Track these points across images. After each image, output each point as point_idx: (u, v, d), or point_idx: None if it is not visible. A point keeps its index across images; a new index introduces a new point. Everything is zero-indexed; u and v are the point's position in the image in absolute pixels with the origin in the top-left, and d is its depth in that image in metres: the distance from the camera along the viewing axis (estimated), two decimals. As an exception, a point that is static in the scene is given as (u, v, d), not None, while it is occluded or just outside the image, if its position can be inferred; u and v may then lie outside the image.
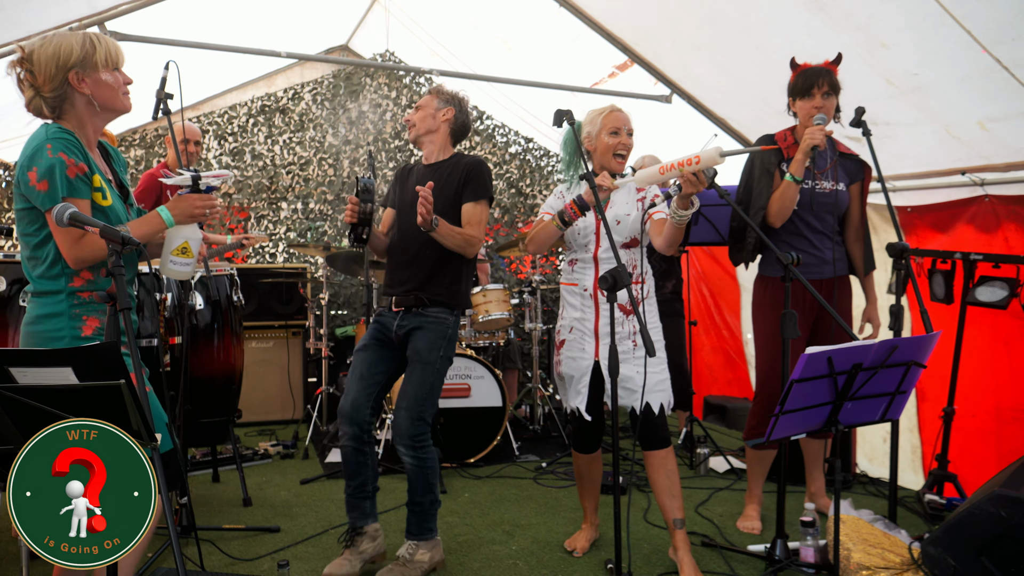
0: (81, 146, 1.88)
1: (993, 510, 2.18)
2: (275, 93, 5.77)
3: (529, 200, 6.35)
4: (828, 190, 3.03)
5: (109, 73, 1.90)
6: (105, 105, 1.91)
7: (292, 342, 5.12)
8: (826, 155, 3.08)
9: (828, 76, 2.95)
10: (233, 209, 5.63)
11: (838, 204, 3.03)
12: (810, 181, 3.02)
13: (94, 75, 1.87)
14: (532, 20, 4.49)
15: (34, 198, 1.81)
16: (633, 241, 2.83)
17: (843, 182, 3.06)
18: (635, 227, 2.81)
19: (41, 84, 1.85)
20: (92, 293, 1.90)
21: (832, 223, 3.06)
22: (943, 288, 3.32)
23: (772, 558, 2.74)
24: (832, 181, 3.04)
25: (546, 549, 2.95)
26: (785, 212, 2.97)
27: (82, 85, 1.86)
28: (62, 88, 1.85)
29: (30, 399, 1.44)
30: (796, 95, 3.03)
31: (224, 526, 3.11)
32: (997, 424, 3.37)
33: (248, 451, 4.22)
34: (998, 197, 3.28)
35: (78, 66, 1.85)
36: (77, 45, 1.85)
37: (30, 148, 1.83)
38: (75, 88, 1.86)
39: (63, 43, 1.85)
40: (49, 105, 1.88)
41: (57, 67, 1.83)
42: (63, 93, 1.86)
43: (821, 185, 3.03)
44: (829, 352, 2.06)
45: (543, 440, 4.68)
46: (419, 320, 2.75)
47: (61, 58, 1.83)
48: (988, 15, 2.66)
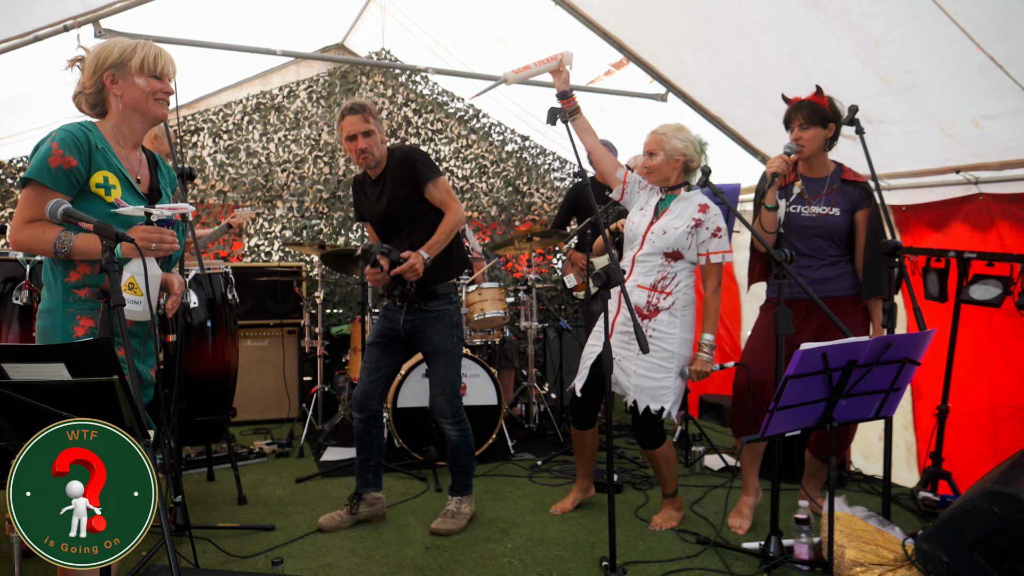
0: (84, 143, 1.87)
1: (986, 506, 2.18)
2: (270, 91, 5.76)
3: (526, 198, 6.35)
4: (816, 215, 3.02)
5: (143, 78, 1.97)
6: (131, 107, 1.98)
7: (287, 340, 5.11)
8: (824, 181, 3.07)
9: (805, 108, 2.96)
10: (228, 207, 5.62)
11: (825, 228, 3.02)
12: (797, 206, 3.05)
13: (127, 78, 1.96)
14: (528, 18, 4.49)
15: None
16: (675, 253, 3.00)
17: (839, 207, 3.03)
18: (680, 241, 2.98)
19: (84, 81, 1.98)
20: (88, 290, 1.89)
21: (823, 246, 3.05)
22: (937, 286, 3.33)
23: (766, 555, 2.74)
24: (827, 207, 3.03)
25: (541, 547, 2.95)
26: (767, 237, 3.02)
27: (115, 86, 1.96)
28: (99, 87, 1.97)
29: (23, 395, 1.44)
30: (786, 129, 3.07)
31: (219, 524, 3.10)
32: (992, 421, 3.38)
33: (243, 449, 4.21)
34: (992, 195, 3.29)
35: (113, 68, 1.95)
36: (118, 49, 1.96)
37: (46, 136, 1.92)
38: (109, 88, 1.97)
39: (108, 45, 1.97)
40: (88, 102, 1.99)
41: (96, 67, 1.95)
42: (100, 92, 1.98)
43: (810, 210, 3.03)
44: (824, 348, 2.06)
45: (538, 438, 4.68)
46: (424, 317, 3.07)
47: (100, 58, 1.95)
48: (982, 12, 2.67)
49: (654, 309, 2.99)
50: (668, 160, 3.02)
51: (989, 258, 3.15)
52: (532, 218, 6.36)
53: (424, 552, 2.89)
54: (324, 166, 5.85)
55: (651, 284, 3.00)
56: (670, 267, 3.00)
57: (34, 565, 2.59)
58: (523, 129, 6.22)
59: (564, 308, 6.31)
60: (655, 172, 3.05)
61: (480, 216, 6.24)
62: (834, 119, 2.97)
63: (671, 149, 3.01)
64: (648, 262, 3.02)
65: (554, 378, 5.40)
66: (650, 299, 3.00)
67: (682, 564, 2.77)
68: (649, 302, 2.99)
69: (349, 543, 2.97)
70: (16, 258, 2.96)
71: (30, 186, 1.86)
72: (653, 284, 3.00)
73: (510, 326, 5.10)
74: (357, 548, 2.92)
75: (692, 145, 3.05)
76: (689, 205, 3.03)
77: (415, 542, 2.99)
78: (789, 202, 3.06)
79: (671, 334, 2.97)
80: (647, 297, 3.00)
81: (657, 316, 2.98)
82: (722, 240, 2.99)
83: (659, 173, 3.05)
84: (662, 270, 3.00)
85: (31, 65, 3.75)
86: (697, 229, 2.98)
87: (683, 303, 3.00)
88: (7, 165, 5.08)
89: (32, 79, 4.00)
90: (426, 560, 2.81)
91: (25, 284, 2.92)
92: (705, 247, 2.99)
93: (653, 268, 3.01)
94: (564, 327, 5.07)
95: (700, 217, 2.98)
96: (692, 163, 3.05)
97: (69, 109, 5.10)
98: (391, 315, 3.12)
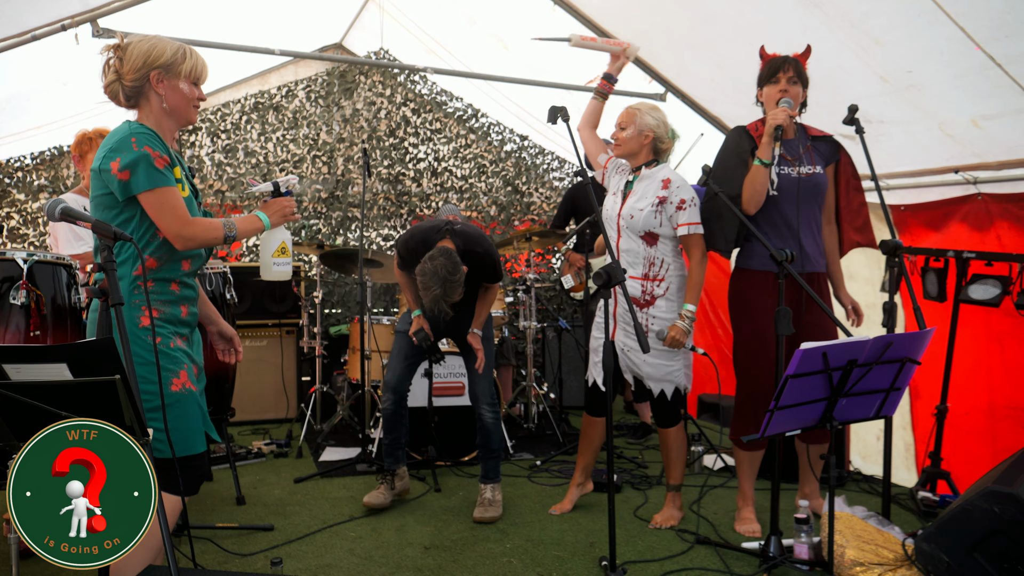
0: (162, 140, 1.98)
1: (986, 506, 2.18)
2: (269, 91, 5.75)
3: (525, 198, 6.34)
4: (805, 175, 2.98)
5: (187, 84, 2.03)
6: (173, 109, 2.03)
7: (286, 341, 5.10)
8: (796, 142, 3.04)
9: (794, 63, 2.95)
10: (227, 207, 5.61)
11: (818, 187, 3.00)
12: (783, 167, 2.96)
13: (173, 80, 2.00)
14: (527, 18, 4.49)
15: (113, 186, 1.89)
16: (650, 234, 2.97)
17: (819, 164, 3.02)
18: (648, 222, 2.94)
19: (124, 72, 1.97)
20: (153, 282, 1.96)
21: (815, 210, 3.01)
22: (936, 286, 3.34)
23: (766, 555, 2.74)
24: (809, 166, 3.01)
25: (541, 547, 2.95)
26: (757, 197, 2.92)
27: (159, 85, 1.99)
28: (141, 82, 1.98)
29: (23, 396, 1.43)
30: (762, 83, 3.03)
31: (217, 524, 3.09)
32: (990, 421, 3.38)
33: (241, 450, 4.21)
34: (991, 195, 3.29)
35: (162, 68, 1.98)
36: (170, 51, 2.00)
37: (114, 139, 1.93)
38: (152, 86, 1.99)
39: (159, 44, 2.00)
40: (125, 93, 2.00)
41: (145, 62, 1.97)
42: (141, 87, 1.99)
43: (796, 171, 2.97)
44: (824, 348, 2.06)
45: (538, 438, 4.68)
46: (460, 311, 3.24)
47: (152, 56, 1.97)
48: (982, 12, 2.67)
49: (651, 298, 3.03)
50: (637, 134, 3.03)
51: (988, 258, 3.15)
52: (531, 218, 6.36)
53: (424, 552, 2.89)
54: (323, 166, 5.85)
55: (642, 274, 3.03)
56: (654, 252, 3.01)
57: (32, 566, 2.58)
58: (522, 129, 6.22)
59: (563, 308, 6.31)
60: (623, 144, 3.06)
61: (479, 216, 6.24)
62: (808, 84, 3.00)
63: (642, 124, 3.03)
64: (631, 251, 3.04)
65: (553, 378, 5.40)
66: (644, 288, 3.03)
67: (681, 564, 2.77)
68: (644, 291, 3.03)
69: (348, 543, 2.96)
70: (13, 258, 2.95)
71: (159, 190, 1.90)
72: (644, 274, 3.03)
73: (509, 326, 5.10)
74: (356, 548, 2.92)
75: (664, 126, 3.06)
76: (652, 183, 3.02)
77: (414, 542, 2.98)
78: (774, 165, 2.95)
79: (670, 319, 3.02)
80: (641, 287, 3.03)
81: (655, 304, 3.03)
82: (691, 211, 2.96)
83: (626, 146, 3.06)
84: (648, 257, 3.01)
85: (29, 64, 3.74)
86: (663, 206, 2.97)
87: (677, 286, 3.04)
88: (4, 165, 5.06)
89: (30, 78, 3.99)
90: (425, 560, 2.81)
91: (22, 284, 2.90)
92: (675, 220, 2.98)
93: (639, 256, 3.02)
94: (563, 327, 5.07)
95: (663, 194, 2.97)
96: (662, 144, 3.06)
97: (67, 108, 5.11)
98: (431, 318, 3.30)
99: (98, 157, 1.93)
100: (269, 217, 2.14)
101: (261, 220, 2.13)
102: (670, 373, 3.06)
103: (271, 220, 2.14)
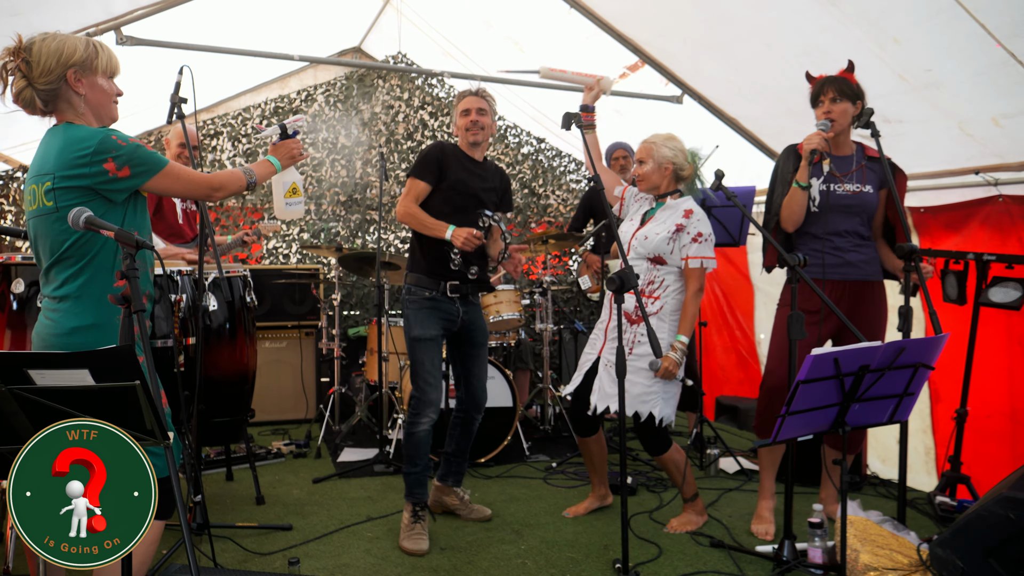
0: None
1: (1002, 512, 2.16)
2: (288, 95, 5.82)
3: (542, 200, 6.35)
4: (851, 192, 3.01)
5: (105, 80, 1.95)
6: (95, 108, 1.95)
7: (305, 342, 5.17)
8: (851, 159, 3.06)
9: (835, 83, 2.95)
10: (246, 209, 5.69)
11: (863, 206, 3.02)
12: (829, 184, 3.01)
13: (91, 78, 1.91)
14: (543, 21, 4.50)
15: (116, 184, 1.84)
16: (658, 259, 3.02)
17: (871, 185, 3.03)
18: (660, 247, 3.01)
19: (36, 76, 1.85)
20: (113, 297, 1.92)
21: (858, 225, 3.04)
22: (956, 289, 3.30)
23: (780, 559, 2.74)
24: (859, 184, 3.02)
25: (555, 549, 2.96)
26: (794, 217, 3.00)
27: (78, 85, 1.89)
28: (57, 84, 1.87)
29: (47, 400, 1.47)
30: (812, 106, 3.05)
31: (237, 524, 3.15)
32: (1012, 425, 3.33)
33: (261, 450, 4.27)
34: (1012, 197, 3.25)
35: (78, 66, 1.88)
36: (81, 46, 1.89)
37: (85, 144, 1.82)
38: (71, 86, 1.88)
39: (68, 41, 1.88)
40: (41, 98, 1.89)
41: (58, 62, 1.85)
42: (57, 89, 1.88)
43: (843, 188, 3.01)
44: (835, 353, 2.05)
45: (554, 440, 4.69)
46: (475, 308, 3.22)
47: (64, 54, 1.86)
48: (1002, 8, 2.64)
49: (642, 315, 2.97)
50: (657, 168, 3.07)
51: (1009, 260, 3.11)
52: (548, 220, 6.37)
53: (439, 553, 2.92)
54: (341, 169, 5.90)
55: (639, 289, 3.00)
56: (656, 272, 3.02)
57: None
58: (539, 131, 6.23)
59: (579, 310, 6.31)
60: (645, 179, 3.12)
61: (496, 218, 6.25)
62: (861, 96, 2.98)
63: (660, 157, 3.07)
64: (635, 267, 3.04)
65: (569, 380, 5.40)
66: (638, 304, 3.00)
67: (695, 567, 2.77)
68: (637, 307, 3.00)
69: (365, 543, 3.00)
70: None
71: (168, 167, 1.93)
72: (641, 289, 3.02)
73: (525, 328, 5.12)
74: (373, 548, 2.95)
75: (682, 154, 3.09)
76: (674, 212, 3.05)
77: (430, 543, 3.01)
78: (820, 180, 3.02)
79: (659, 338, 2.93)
80: (635, 301, 3.00)
81: (642, 323, 2.96)
82: (703, 246, 2.98)
83: (648, 180, 3.11)
84: (649, 274, 3.03)
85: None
86: (679, 234, 2.99)
87: (672, 307, 3.02)
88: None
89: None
90: (440, 561, 2.84)
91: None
92: (685, 251, 2.99)
93: (640, 272, 3.03)
94: (579, 329, 5.08)
95: (682, 223, 3.00)
96: (682, 171, 3.09)
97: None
98: (445, 307, 3.09)
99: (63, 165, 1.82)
100: (279, 159, 2.28)
101: (272, 163, 2.27)
102: (645, 395, 2.97)
103: (281, 162, 2.28)
